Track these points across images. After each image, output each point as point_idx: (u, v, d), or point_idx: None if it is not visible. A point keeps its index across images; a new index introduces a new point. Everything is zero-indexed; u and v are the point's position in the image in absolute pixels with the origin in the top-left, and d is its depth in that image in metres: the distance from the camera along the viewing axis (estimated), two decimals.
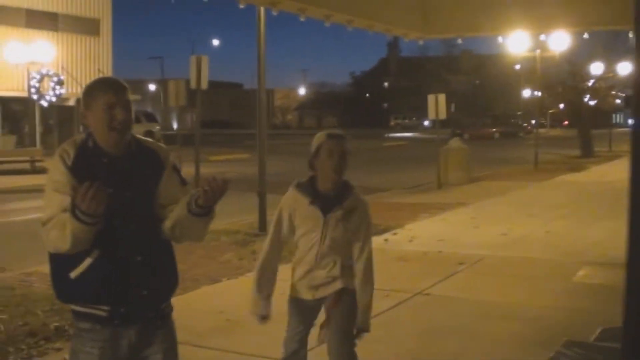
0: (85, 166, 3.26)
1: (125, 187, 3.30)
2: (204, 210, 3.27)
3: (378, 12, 10.28)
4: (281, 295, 4.51)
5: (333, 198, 4.26)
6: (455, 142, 22.63)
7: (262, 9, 11.27)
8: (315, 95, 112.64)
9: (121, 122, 3.28)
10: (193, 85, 12.99)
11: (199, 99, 13.39)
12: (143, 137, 3.55)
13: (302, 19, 9.03)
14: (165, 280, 3.49)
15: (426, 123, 72.81)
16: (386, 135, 70.34)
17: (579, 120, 37.30)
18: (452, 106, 70.95)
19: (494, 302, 7.85)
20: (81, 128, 37.09)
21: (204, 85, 12.85)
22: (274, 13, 9.02)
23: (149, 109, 63.43)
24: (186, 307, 8.02)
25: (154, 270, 3.38)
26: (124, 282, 3.29)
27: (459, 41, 14.06)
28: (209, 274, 9.55)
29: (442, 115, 20.38)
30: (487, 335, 6.59)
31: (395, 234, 12.31)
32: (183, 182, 3.50)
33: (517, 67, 49.46)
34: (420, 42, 12.55)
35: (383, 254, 9.56)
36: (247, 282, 8.97)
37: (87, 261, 3.23)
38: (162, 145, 3.58)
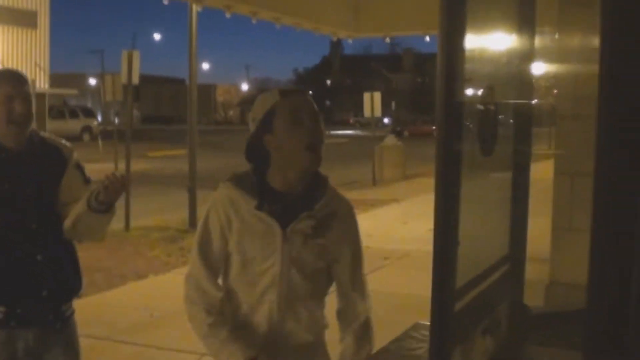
0: None
1: (26, 184, 3.24)
2: (104, 207, 3.19)
3: (305, 10, 10.35)
4: None
5: (297, 199, 2.64)
6: (390, 140, 22.91)
7: (193, 5, 11.28)
8: (258, 91, 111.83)
9: (20, 114, 3.19)
10: (124, 80, 12.93)
11: (129, 94, 13.32)
12: (47, 134, 3.49)
13: (228, 16, 9.09)
14: (66, 281, 3.38)
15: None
16: (327, 132, 70.43)
17: None
18: (393, 104, 71.56)
19: (412, 294, 8.01)
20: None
21: (135, 80, 12.81)
22: (199, 9, 9.06)
23: (89, 104, 62.49)
24: (111, 303, 8.07)
25: (55, 270, 3.30)
26: (22, 282, 3.21)
27: (387, 40, 14.21)
28: (136, 270, 9.56)
29: (377, 112, 20.65)
30: (397, 326, 6.72)
31: None
32: (86, 180, 3.43)
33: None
34: (350, 41, 12.71)
35: None
36: (173, 278, 9.17)
37: None
38: (66, 142, 3.51)
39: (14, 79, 3.28)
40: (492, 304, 2.02)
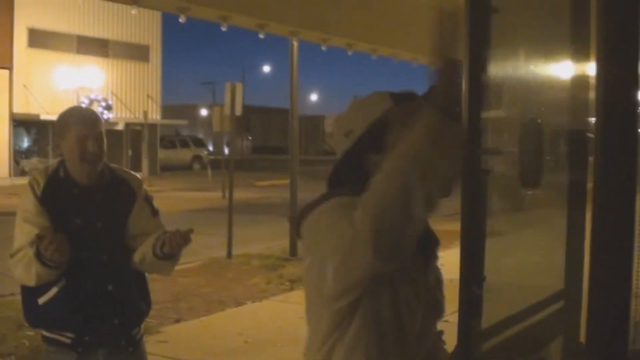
0: (55, 196, 3.32)
1: (97, 218, 3.36)
2: (168, 256, 3.38)
3: (403, 40, 10.35)
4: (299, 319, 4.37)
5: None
6: None
7: (292, 39, 11.51)
8: None
9: (93, 154, 3.32)
10: (227, 111, 13.30)
11: (233, 124, 13.67)
12: (118, 167, 3.63)
13: (323, 48, 9.24)
14: (136, 308, 3.54)
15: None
16: None
17: None
18: None
19: None
20: (129, 152, 37.92)
21: (239, 111, 13.15)
22: (295, 43, 9.27)
23: (201, 134, 64.20)
24: (207, 328, 8.26)
25: (125, 299, 3.45)
26: (93, 311, 3.34)
27: None
28: (234, 297, 9.75)
29: None
30: None
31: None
32: (154, 212, 3.58)
33: None
34: None
35: None
36: (269, 306, 9.31)
37: (54, 290, 3.28)
38: (136, 175, 3.66)
39: (89, 120, 3.42)
40: (541, 341, 1.99)
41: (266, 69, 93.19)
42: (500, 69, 1.89)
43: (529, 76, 2.13)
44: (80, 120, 3.41)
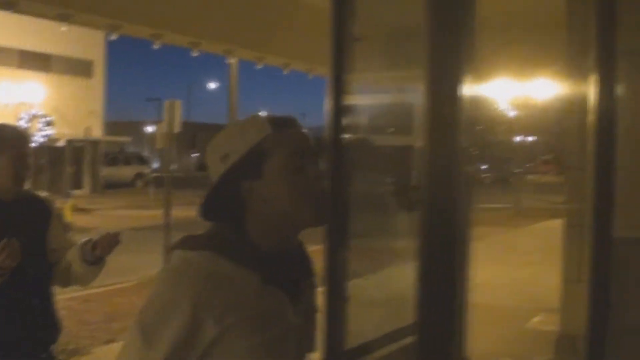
0: None
1: (20, 232, 3.36)
2: (98, 260, 3.49)
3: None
4: None
5: (293, 263, 2.06)
6: None
7: (234, 60, 11.55)
8: (314, 138, 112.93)
9: (24, 173, 3.45)
10: (165, 128, 13.27)
11: (172, 141, 13.63)
12: (26, 188, 3.69)
13: (259, 67, 9.32)
14: (57, 323, 3.63)
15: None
16: None
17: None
18: None
19: None
20: (71, 169, 37.40)
21: (177, 128, 13.16)
22: (231, 61, 9.33)
23: (146, 151, 63.68)
24: None
25: (49, 313, 3.55)
26: (22, 325, 3.42)
27: None
28: None
29: None
30: None
31: None
32: (66, 229, 3.81)
33: (511, 112, 49.75)
34: None
35: None
36: None
37: None
38: (45, 194, 3.83)
39: (22, 138, 3.55)
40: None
41: (212, 85, 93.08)
42: (360, 93, 1.94)
43: (384, 100, 2.20)
44: (11, 140, 3.47)
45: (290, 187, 1.92)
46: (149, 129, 76.91)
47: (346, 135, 1.66)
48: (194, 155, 77.71)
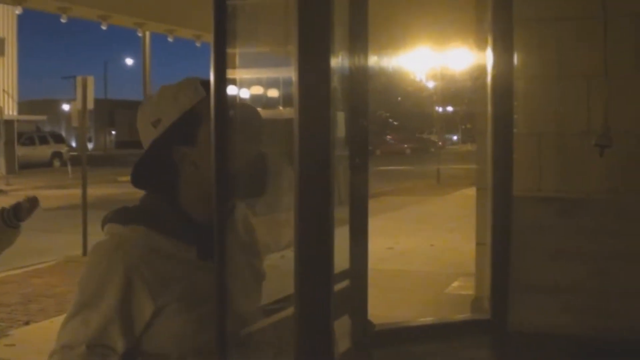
0: None
1: None
2: (18, 224, 3.64)
3: None
4: None
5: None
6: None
7: (147, 33, 11.36)
8: None
9: None
10: (79, 105, 12.98)
11: (81, 118, 13.34)
12: None
13: (171, 40, 9.20)
14: None
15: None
16: None
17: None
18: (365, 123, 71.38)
19: None
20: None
21: (90, 105, 12.88)
22: (140, 34, 9.19)
23: (63, 130, 62.14)
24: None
25: None
26: None
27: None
28: None
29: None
30: None
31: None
32: None
33: (430, 83, 50.29)
34: None
35: None
36: None
37: None
38: None
39: None
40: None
41: (130, 61, 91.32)
42: (247, 67, 1.91)
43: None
44: None
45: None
46: (66, 107, 75.20)
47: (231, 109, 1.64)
48: (113, 132, 76.29)
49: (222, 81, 1.52)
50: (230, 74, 1.59)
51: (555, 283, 2.70)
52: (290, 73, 1.29)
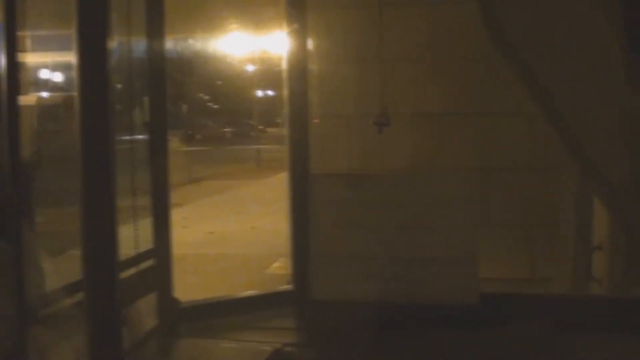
0: None
1: None
2: None
3: None
4: None
5: None
6: (172, 144, 22.81)
7: None
8: None
9: None
10: None
11: None
12: None
13: None
14: None
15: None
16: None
17: None
18: (184, 108, 70.51)
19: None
20: None
21: None
22: None
23: None
24: None
25: None
26: None
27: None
28: None
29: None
30: None
31: None
32: None
33: (250, 67, 50.33)
34: None
35: None
36: None
37: None
38: None
39: None
40: (130, 297, 2.13)
41: None
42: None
43: None
44: None
45: None
46: None
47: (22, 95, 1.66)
48: None
49: (13, 65, 1.54)
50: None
51: (353, 253, 2.88)
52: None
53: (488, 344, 2.76)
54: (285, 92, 2.56)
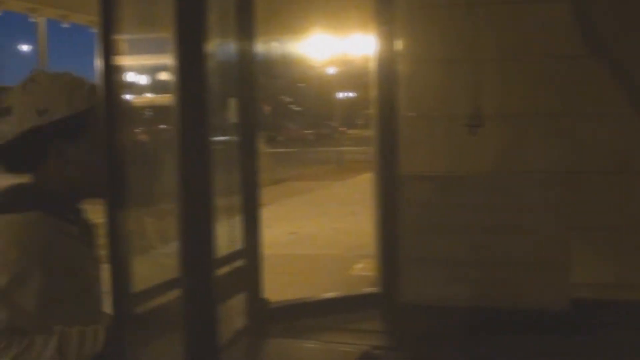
0: None
1: None
2: None
3: None
4: None
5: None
6: None
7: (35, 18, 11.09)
8: None
9: None
10: None
11: None
12: None
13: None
14: None
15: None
16: None
17: None
18: (267, 109, 71.25)
19: None
20: None
21: None
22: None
23: None
24: None
25: None
26: None
27: None
28: None
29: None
30: None
31: None
32: None
33: (330, 70, 50.60)
34: None
35: None
36: None
37: None
38: None
39: None
40: (223, 296, 2.15)
41: (25, 47, 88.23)
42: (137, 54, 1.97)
43: None
44: None
45: (97, 158, 1.88)
46: None
47: (124, 97, 1.69)
48: None
49: (110, 69, 1.57)
50: (118, 60, 1.64)
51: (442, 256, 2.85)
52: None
53: (579, 351, 2.68)
54: (374, 93, 2.54)
